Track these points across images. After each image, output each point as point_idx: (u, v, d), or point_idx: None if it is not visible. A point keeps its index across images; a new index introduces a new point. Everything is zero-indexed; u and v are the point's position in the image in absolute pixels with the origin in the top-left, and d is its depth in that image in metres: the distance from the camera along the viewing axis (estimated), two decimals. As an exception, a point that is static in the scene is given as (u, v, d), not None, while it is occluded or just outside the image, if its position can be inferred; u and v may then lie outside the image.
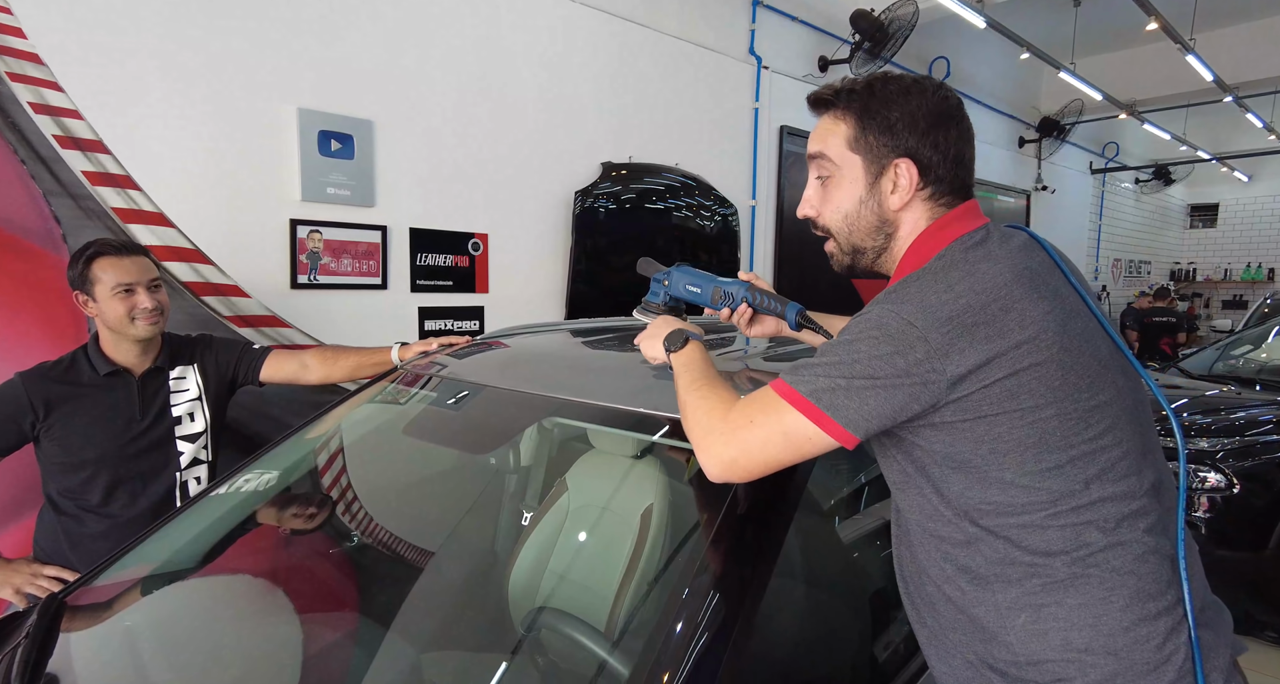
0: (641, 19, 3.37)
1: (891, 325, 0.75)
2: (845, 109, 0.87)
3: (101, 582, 1.33)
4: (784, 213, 4.24)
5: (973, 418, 0.75)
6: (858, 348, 0.77)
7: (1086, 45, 6.23)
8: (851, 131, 0.87)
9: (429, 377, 1.58)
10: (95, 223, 1.93)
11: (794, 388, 0.79)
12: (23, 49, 1.81)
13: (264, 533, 1.53)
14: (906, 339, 0.74)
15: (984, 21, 4.06)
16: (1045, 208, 7.24)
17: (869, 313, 0.79)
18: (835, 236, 0.92)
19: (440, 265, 2.73)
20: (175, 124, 2.06)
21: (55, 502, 1.57)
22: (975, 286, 0.76)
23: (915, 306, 0.76)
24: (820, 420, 0.77)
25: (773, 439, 0.79)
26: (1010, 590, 0.78)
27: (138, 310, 1.53)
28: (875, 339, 0.76)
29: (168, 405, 1.63)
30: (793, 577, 1.13)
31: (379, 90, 2.50)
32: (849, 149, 0.87)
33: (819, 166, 0.90)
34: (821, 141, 0.90)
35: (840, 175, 0.88)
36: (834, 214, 0.90)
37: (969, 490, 0.78)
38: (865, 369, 0.76)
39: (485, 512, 1.68)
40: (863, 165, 0.87)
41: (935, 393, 0.74)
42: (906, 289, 0.79)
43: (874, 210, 0.88)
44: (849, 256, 0.92)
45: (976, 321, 0.74)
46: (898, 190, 0.86)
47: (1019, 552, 0.77)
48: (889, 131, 0.85)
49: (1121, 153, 8.69)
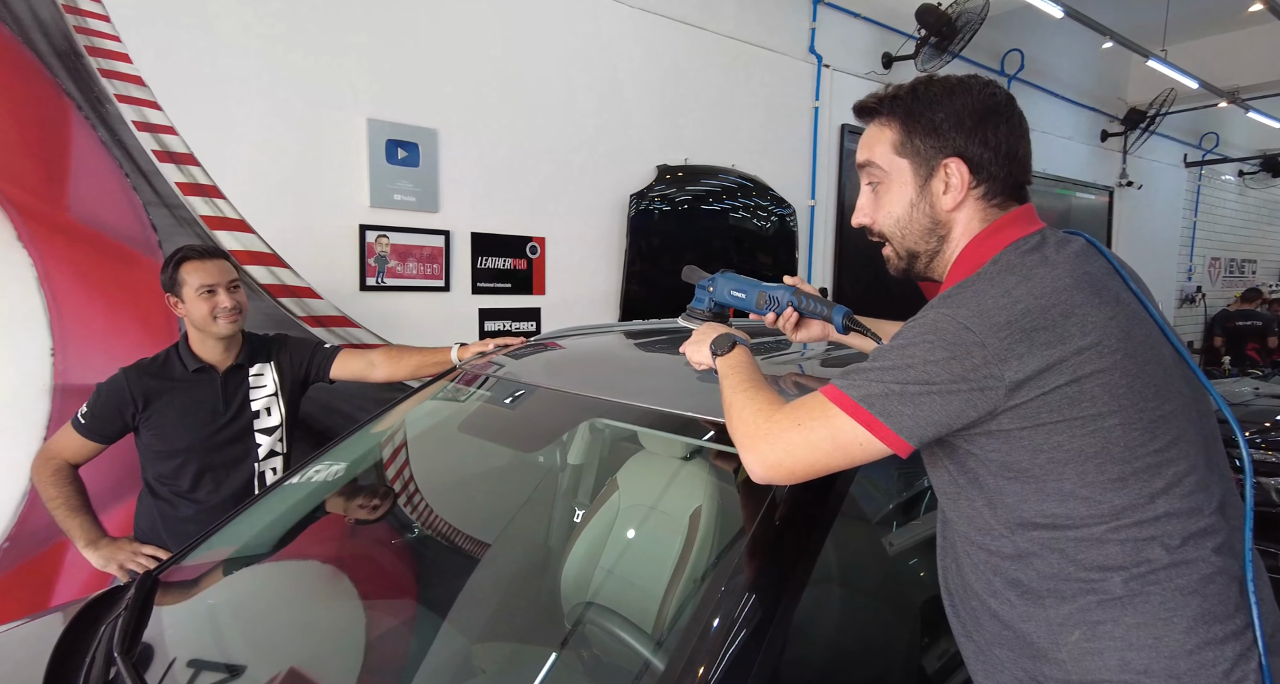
0: (698, 21, 3.38)
1: (947, 330, 0.74)
2: (890, 115, 0.88)
3: (189, 562, 1.44)
4: (844, 213, 4.15)
5: (1031, 426, 0.73)
6: (912, 353, 0.75)
7: (1179, 31, 5.82)
8: (897, 136, 0.87)
9: (486, 376, 1.63)
10: (186, 230, 2.08)
11: (845, 392, 0.77)
12: (129, 73, 1.98)
13: (332, 521, 1.62)
14: (963, 344, 0.73)
15: (1061, 10, 3.87)
16: (1131, 205, 6.80)
17: (923, 317, 0.78)
18: (890, 241, 0.92)
19: (500, 268, 2.81)
20: (256, 137, 2.20)
21: (152, 486, 1.71)
22: (1034, 291, 0.74)
23: (971, 311, 0.74)
24: (872, 426, 0.75)
25: (820, 443, 0.78)
26: (1063, 606, 0.75)
27: (219, 309, 1.65)
28: (930, 344, 0.74)
29: (247, 400, 1.75)
30: (835, 583, 1.12)
31: (442, 100, 2.60)
32: (896, 154, 0.87)
33: (869, 174, 0.91)
34: (869, 149, 0.90)
35: (890, 181, 0.88)
36: (886, 219, 0.90)
37: (1024, 501, 0.76)
38: (920, 374, 0.74)
39: (539, 508, 1.72)
40: (911, 169, 0.86)
41: (993, 399, 0.72)
42: (961, 293, 0.77)
43: (926, 213, 0.87)
44: (904, 261, 0.92)
45: (1036, 326, 0.72)
46: (950, 190, 0.84)
47: (1074, 567, 0.74)
48: (935, 133, 0.84)
49: (1222, 143, 8.07)
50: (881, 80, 4.26)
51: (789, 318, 1.10)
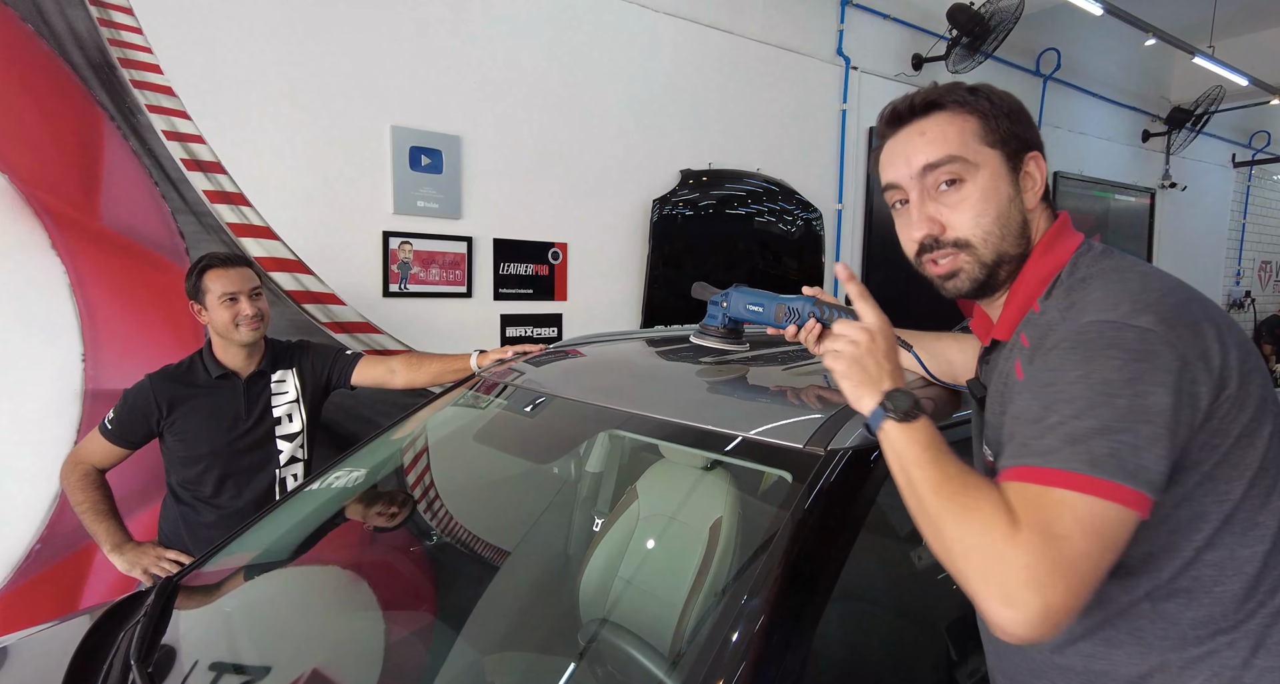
0: (724, 25, 3.34)
1: (1127, 338, 0.61)
2: (966, 104, 0.78)
3: (210, 567, 1.45)
4: (872, 216, 4.07)
5: (1216, 433, 0.63)
6: (1103, 379, 0.60)
7: (1228, 26, 5.61)
8: (982, 126, 0.76)
9: (504, 384, 1.62)
10: (212, 237, 2.12)
11: (1065, 469, 0.58)
12: (159, 84, 2.02)
13: (351, 528, 1.63)
14: (1154, 348, 0.60)
15: (1100, 8, 3.75)
16: (1174, 206, 6.57)
17: (1082, 336, 0.63)
18: (978, 247, 0.77)
19: (522, 274, 2.81)
20: (281, 145, 2.23)
21: (175, 491, 1.73)
22: (1167, 284, 0.66)
23: (1133, 309, 0.62)
24: (1119, 495, 0.57)
25: (1086, 554, 0.56)
26: (1187, 650, 0.67)
27: (240, 317, 1.67)
28: (1118, 361, 0.60)
29: (269, 407, 1.77)
30: (858, 600, 1.08)
31: (466, 107, 2.61)
32: (985, 144, 0.76)
33: (947, 171, 0.77)
34: (945, 141, 0.76)
35: (978, 174, 0.76)
36: (980, 219, 0.76)
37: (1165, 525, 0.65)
38: (1130, 405, 0.59)
39: (558, 516, 1.71)
40: (1003, 159, 0.76)
41: (1201, 409, 0.62)
42: (1091, 297, 0.66)
43: (1020, 210, 0.77)
44: (988, 269, 0.77)
45: (1198, 318, 0.63)
46: (1031, 189, 0.77)
47: (1210, 603, 0.66)
48: (1017, 124, 0.77)
49: (1274, 142, 7.76)
50: (911, 82, 4.17)
51: (811, 330, 1.05)
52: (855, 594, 1.06)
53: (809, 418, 1.02)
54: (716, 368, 1.37)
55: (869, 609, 1.13)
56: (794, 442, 0.97)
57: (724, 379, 1.32)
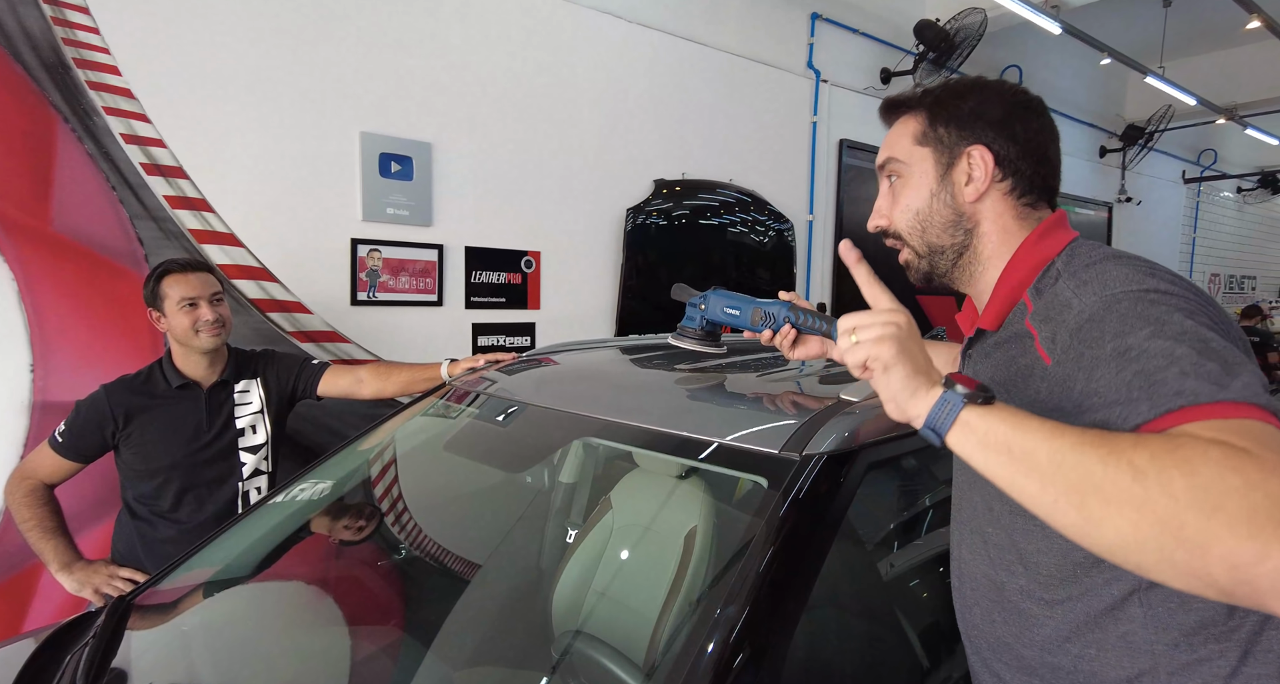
0: (698, 36, 3.38)
1: (1161, 290, 0.62)
2: (915, 108, 0.84)
3: (166, 585, 1.39)
4: (843, 227, 4.13)
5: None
6: (1179, 328, 0.57)
7: (1177, 47, 5.86)
8: (920, 127, 0.82)
9: (476, 393, 1.59)
10: (174, 243, 2.06)
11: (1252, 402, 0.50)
12: (117, 85, 1.96)
13: (316, 542, 1.58)
14: (1182, 297, 0.62)
15: (1059, 27, 3.88)
16: (1130, 220, 6.81)
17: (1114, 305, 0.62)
18: (907, 239, 0.84)
19: (494, 282, 2.78)
20: (246, 149, 2.18)
21: (131, 507, 1.66)
22: (1169, 271, 0.68)
23: (1145, 276, 0.65)
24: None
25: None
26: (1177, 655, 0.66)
27: (200, 323, 1.62)
28: (1177, 313, 0.59)
29: (232, 417, 1.71)
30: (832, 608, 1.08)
31: (438, 113, 2.58)
32: (917, 143, 0.82)
33: (888, 170, 0.85)
34: (889, 146, 0.85)
35: (909, 172, 0.83)
36: (904, 214, 0.83)
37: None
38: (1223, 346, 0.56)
39: (530, 527, 1.68)
40: (932, 157, 0.82)
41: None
42: (1101, 275, 0.67)
43: (947, 203, 0.81)
44: (926, 260, 0.83)
45: (1201, 302, 0.64)
46: (972, 181, 0.79)
47: (1200, 605, 0.65)
48: (959, 122, 0.80)
49: (1220, 160, 8.10)
50: (880, 95, 4.26)
51: (786, 335, 1.05)
52: (830, 601, 1.06)
53: (784, 423, 1.02)
54: (691, 375, 1.36)
55: (843, 616, 1.13)
56: (769, 447, 0.97)
57: (699, 386, 1.31)
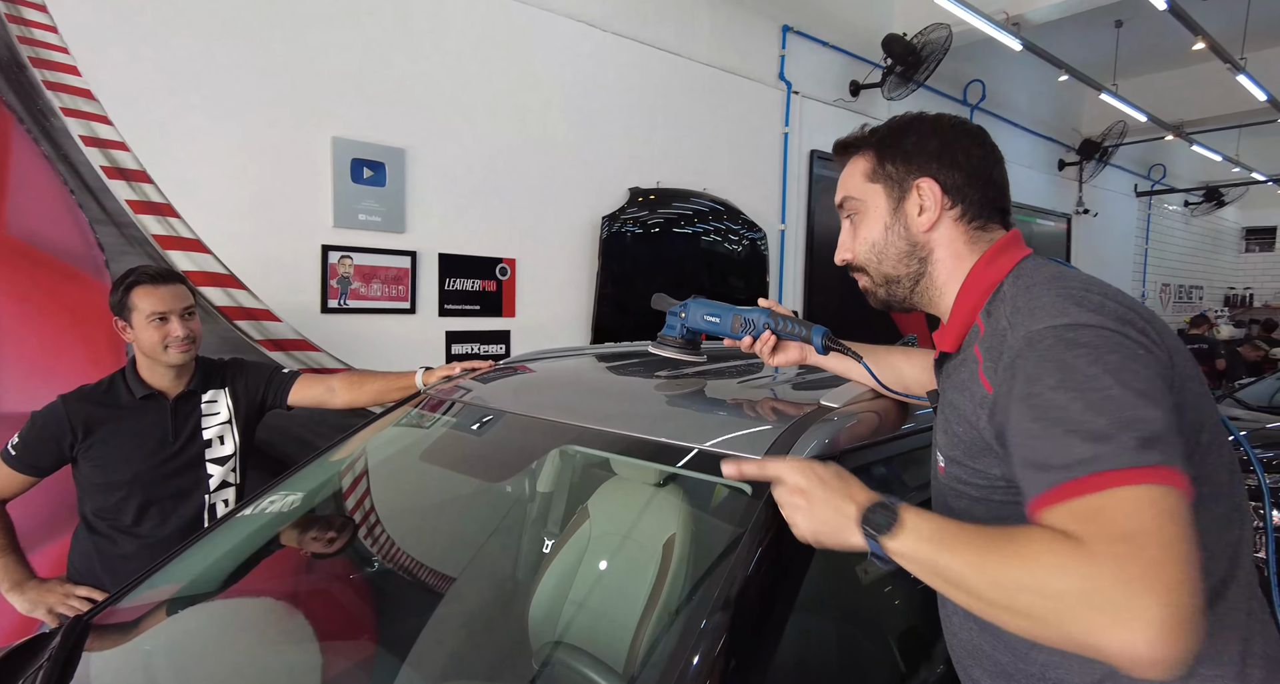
0: (671, 47, 3.41)
1: (1086, 336, 0.62)
2: (864, 147, 0.89)
3: (126, 603, 1.34)
4: (814, 237, 4.19)
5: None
6: (1083, 375, 0.59)
7: (1129, 66, 6.10)
8: (870, 164, 0.88)
9: (451, 402, 1.57)
10: (136, 249, 2.00)
11: (1108, 469, 0.55)
12: (77, 86, 1.90)
13: (286, 556, 1.54)
14: (1113, 340, 0.61)
15: (1020, 44, 4.00)
16: (1087, 231, 7.04)
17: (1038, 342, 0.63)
18: (867, 270, 0.89)
19: (468, 290, 2.75)
20: (213, 153, 2.13)
21: (90, 522, 1.60)
22: (1108, 291, 0.69)
23: (1080, 311, 0.64)
24: (1170, 477, 0.54)
25: (1174, 540, 0.51)
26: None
27: (170, 338, 1.57)
28: (1088, 358, 0.60)
29: (199, 428, 1.66)
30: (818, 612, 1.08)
31: (411, 119, 2.56)
32: (868, 181, 0.87)
33: (846, 208, 0.91)
34: (844, 185, 0.91)
35: (864, 208, 0.88)
36: (862, 247, 0.88)
37: None
38: (1123, 394, 0.57)
39: (507, 538, 1.66)
40: (884, 192, 0.86)
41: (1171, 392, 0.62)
42: (1038, 304, 0.67)
43: (901, 235, 0.85)
44: (883, 288, 0.89)
45: (1139, 322, 0.65)
46: (925, 211, 0.83)
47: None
48: (905, 157, 0.85)
49: (1169, 175, 8.43)
50: (849, 108, 4.35)
51: (766, 341, 1.07)
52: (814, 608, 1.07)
53: (765, 429, 1.02)
54: (671, 381, 1.36)
55: (828, 624, 1.14)
56: (752, 453, 0.97)
57: (679, 392, 1.32)
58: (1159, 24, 4.37)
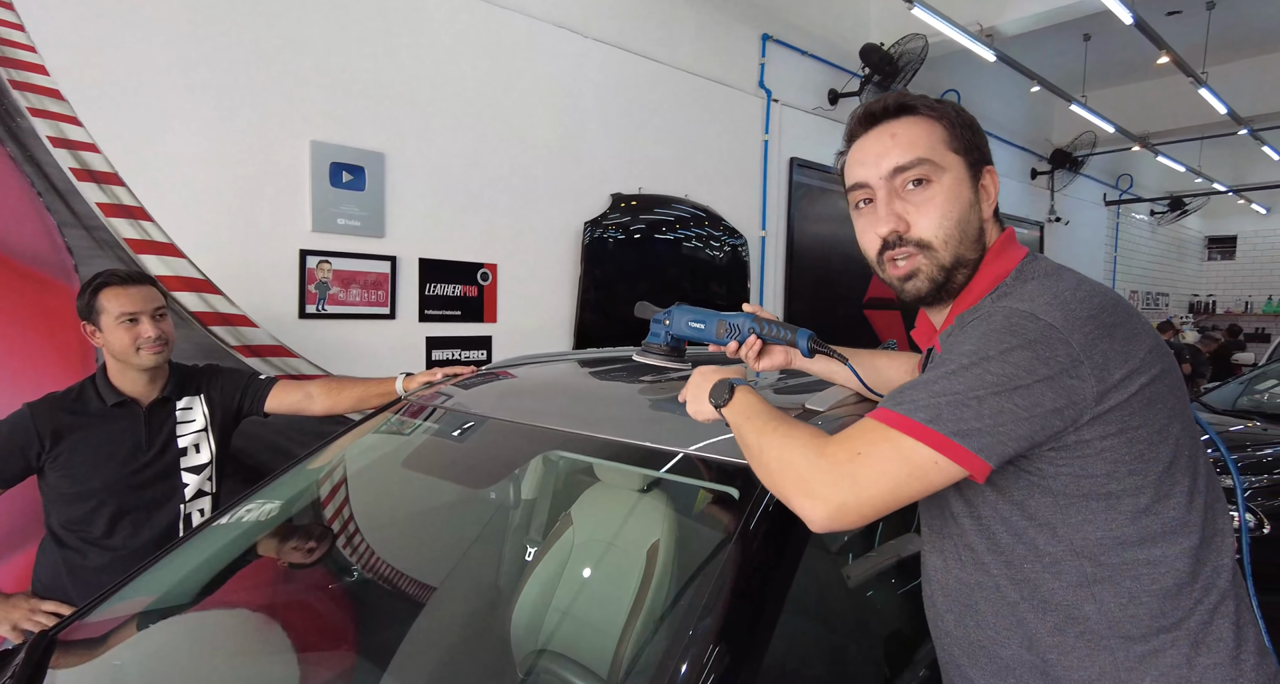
0: (653, 53, 3.43)
1: (1026, 327, 0.66)
2: (936, 111, 0.81)
3: (96, 617, 1.30)
4: (794, 244, 4.23)
5: (1115, 432, 0.66)
6: (985, 356, 0.66)
7: (1098, 78, 6.27)
8: (948, 133, 0.80)
9: (433, 408, 1.56)
10: (107, 253, 1.95)
11: (906, 415, 0.66)
12: (45, 85, 1.85)
13: (263, 566, 1.50)
14: (1047, 341, 0.65)
15: (994, 55, 4.09)
16: (1059, 239, 7.19)
17: (990, 317, 0.69)
18: (938, 248, 0.79)
19: (449, 295, 2.73)
20: (188, 156, 2.09)
21: (57, 534, 1.55)
22: (1098, 289, 0.70)
23: (1048, 303, 0.67)
24: (947, 448, 0.65)
25: (889, 471, 0.66)
26: (1132, 647, 0.69)
27: (141, 340, 1.53)
28: (1007, 344, 0.65)
29: (174, 436, 1.62)
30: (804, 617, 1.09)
31: (391, 123, 2.54)
32: (950, 150, 0.79)
33: (916, 172, 0.79)
34: (913, 147, 0.79)
35: (945, 178, 0.79)
36: (943, 221, 0.78)
37: (1091, 524, 0.69)
38: (998, 380, 0.64)
39: (489, 546, 1.64)
40: (966, 166, 0.80)
41: (1081, 405, 0.65)
42: (1022, 290, 0.71)
43: (979, 217, 0.80)
44: (946, 271, 0.80)
45: (1114, 322, 0.67)
46: (989, 199, 0.81)
47: (1150, 598, 0.68)
48: (977, 137, 0.81)
49: (1136, 185, 8.66)
50: (828, 116, 4.40)
51: (752, 346, 1.07)
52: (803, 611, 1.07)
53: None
54: (654, 386, 1.36)
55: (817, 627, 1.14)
56: (738, 458, 0.97)
57: (663, 397, 1.32)
58: (1125, 38, 4.49)
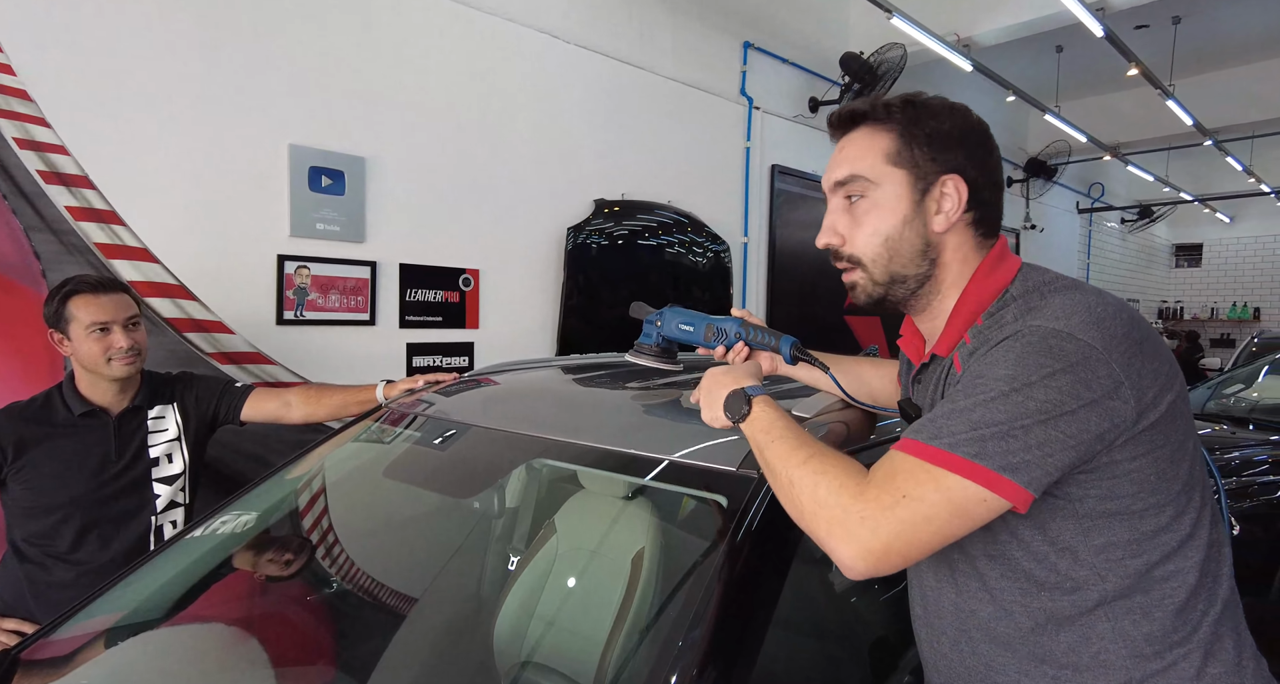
0: (636, 60, 3.44)
1: (1067, 349, 0.63)
2: (885, 121, 0.78)
3: (62, 635, 1.25)
4: (776, 250, 4.26)
5: (1144, 452, 0.65)
6: (1026, 381, 0.62)
7: (1070, 89, 6.40)
8: (893, 144, 0.77)
9: (414, 415, 1.54)
10: (77, 258, 1.90)
11: (948, 450, 0.63)
12: (11, 85, 1.81)
13: (239, 579, 1.47)
14: (1090, 364, 0.62)
15: (970, 65, 4.16)
16: (1035, 246, 7.33)
17: (1023, 336, 0.65)
18: (868, 265, 0.79)
19: (430, 301, 2.71)
20: (163, 159, 2.06)
21: (20, 549, 1.50)
22: (1119, 303, 0.68)
23: (1084, 322, 0.64)
24: (994, 483, 0.62)
25: (935, 515, 0.62)
26: (1148, 664, 0.68)
27: (113, 351, 1.49)
28: (1048, 369, 0.62)
29: (145, 446, 1.58)
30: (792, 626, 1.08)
31: (372, 127, 2.51)
32: (890, 164, 0.77)
33: (850, 188, 0.79)
34: (852, 162, 0.78)
35: (879, 194, 0.77)
36: (871, 239, 0.78)
37: (1112, 548, 0.68)
38: (1041, 408, 0.61)
39: (471, 556, 1.62)
40: (908, 180, 0.76)
41: (1124, 426, 0.63)
42: (1049, 305, 0.68)
43: (918, 232, 0.77)
44: (882, 288, 0.79)
45: (1143, 338, 0.65)
46: (943, 212, 0.76)
47: (1163, 616, 0.68)
48: (937, 144, 0.76)
49: (1107, 193, 8.86)
50: (808, 124, 4.44)
51: (739, 351, 1.07)
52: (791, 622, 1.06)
53: (737, 438, 1.02)
54: (640, 393, 1.36)
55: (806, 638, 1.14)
56: (727, 465, 0.97)
57: (648, 403, 1.31)
58: (1096, 50, 4.60)
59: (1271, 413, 3.55)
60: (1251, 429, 3.30)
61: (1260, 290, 10.88)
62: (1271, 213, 10.14)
